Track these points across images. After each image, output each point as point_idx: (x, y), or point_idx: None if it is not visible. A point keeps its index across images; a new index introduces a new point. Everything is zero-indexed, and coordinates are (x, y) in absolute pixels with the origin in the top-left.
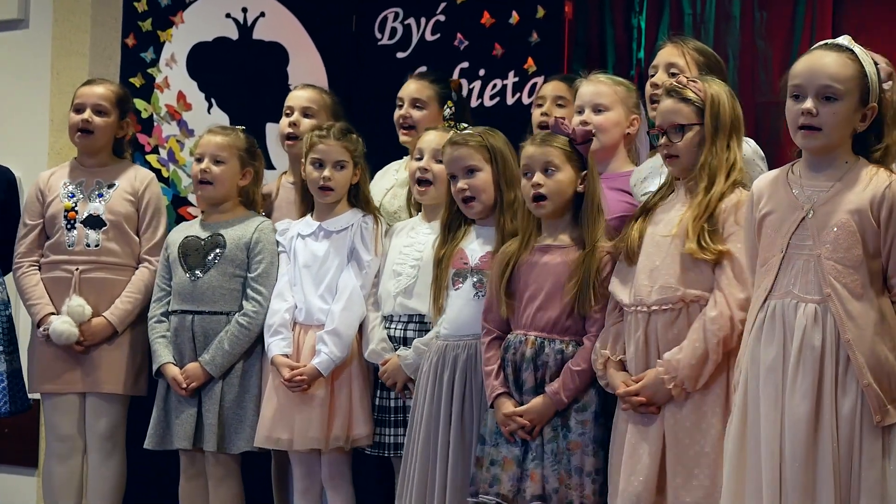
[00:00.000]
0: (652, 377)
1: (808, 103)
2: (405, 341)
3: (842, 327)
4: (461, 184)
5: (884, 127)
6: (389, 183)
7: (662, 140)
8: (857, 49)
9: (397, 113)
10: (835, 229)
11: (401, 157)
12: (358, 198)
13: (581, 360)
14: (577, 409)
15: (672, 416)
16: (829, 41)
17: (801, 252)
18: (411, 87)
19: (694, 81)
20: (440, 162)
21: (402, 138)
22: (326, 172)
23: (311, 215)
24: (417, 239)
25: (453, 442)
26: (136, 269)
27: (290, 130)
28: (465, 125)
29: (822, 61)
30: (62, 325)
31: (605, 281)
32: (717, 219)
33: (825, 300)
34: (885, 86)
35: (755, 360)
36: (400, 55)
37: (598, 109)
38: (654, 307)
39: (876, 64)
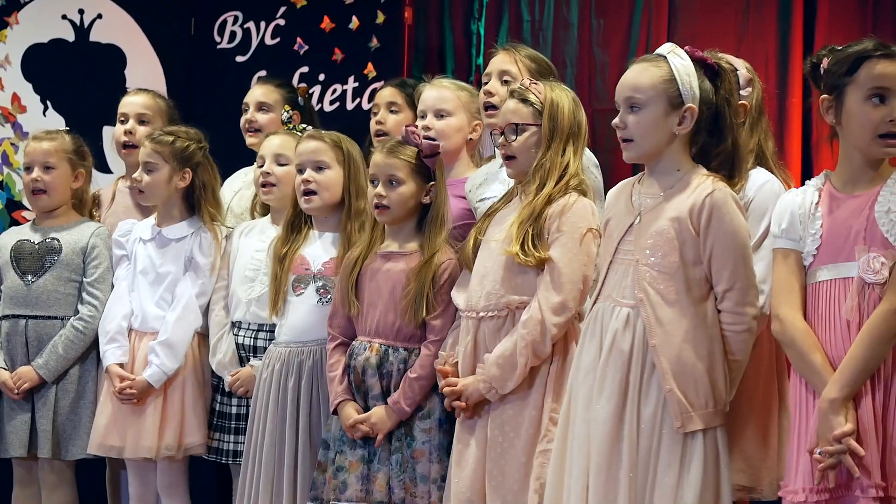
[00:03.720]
0: (471, 378)
1: (617, 117)
2: (255, 349)
3: (650, 332)
4: (307, 175)
5: (724, 131)
6: (238, 185)
7: (500, 140)
8: (672, 55)
9: (243, 117)
10: (654, 236)
11: (244, 160)
12: (196, 202)
13: (420, 369)
14: (421, 417)
15: (494, 419)
16: (651, 53)
17: (625, 257)
18: (257, 92)
19: (537, 84)
20: (282, 165)
21: (249, 141)
22: (136, 175)
23: (154, 219)
24: (269, 244)
25: (301, 448)
26: None
27: (126, 139)
28: (305, 126)
29: (628, 74)
30: None
31: (443, 289)
32: (542, 223)
33: (637, 305)
34: (744, 92)
35: (577, 363)
36: (239, 59)
37: (440, 115)
38: (482, 313)
39: (735, 70)
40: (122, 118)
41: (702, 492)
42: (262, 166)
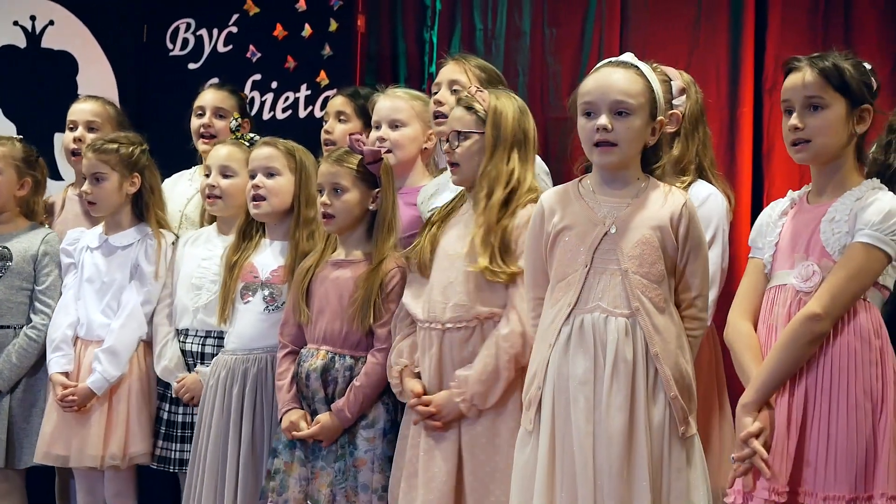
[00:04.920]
0: (445, 394)
1: (603, 119)
2: (202, 356)
3: (650, 341)
4: (257, 180)
5: (662, 145)
6: (190, 192)
7: (446, 147)
8: (642, 66)
9: (198, 121)
10: (640, 245)
11: (193, 167)
12: (144, 206)
13: (365, 377)
14: (365, 426)
15: (468, 433)
16: (615, 59)
17: (606, 267)
18: (214, 97)
19: (482, 92)
20: (228, 177)
21: (202, 147)
22: (86, 187)
23: (102, 227)
24: (216, 252)
25: (243, 456)
26: None
27: (75, 146)
28: (252, 135)
29: (612, 77)
30: None
31: (390, 297)
32: (508, 237)
33: (634, 314)
34: (677, 101)
35: (562, 375)
36: (192, 66)
37: (395, 125)
38: (448, 324)
39: (670, 80)
40: (72, 125)
41: (705, 491)
42: (209, 175)
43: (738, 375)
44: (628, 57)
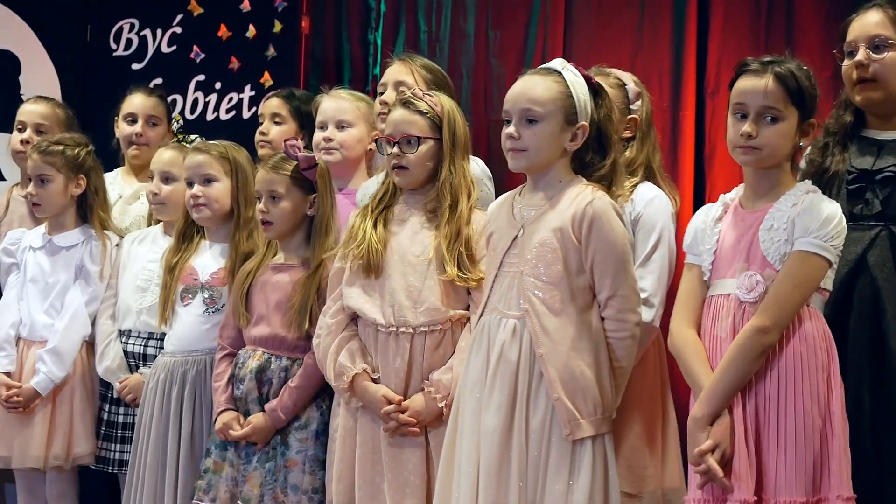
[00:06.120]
0: (421, 399)
1: (511, 127)
2: (144, 357)
3: (536, 342)
4: (196, 189)
5: (608, 149)
6: (114, 197)
7: (393, 150)
8: (567, 71)
9: (129, 129)
10: (538, 246)
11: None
12: (88, 208)
13: (300, 378)
14: (298, 427)
15: (436, 436)
16: (542, 66)
17: (510, 270)
18: (146, 104)
19: (429, 94)
20: (169, 182)
21: (132, 153)
22: (31, 188)
23: (45, 227)
24: (161, 254)
25: (183, 457)
26: None
27: (22, 148)
28: (194, 137)
29: (525, 86)
30: None
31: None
32: (471, 242)
33: (523, 315)
34: (634, 106)
35: (465, 376)
36: (135, 66)
37: (341, 126)
38: (422, 328)
39: (625, 84)
40: (20, 126)
41: (591, 497)
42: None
43: (689, 384)
44: (557, 63)
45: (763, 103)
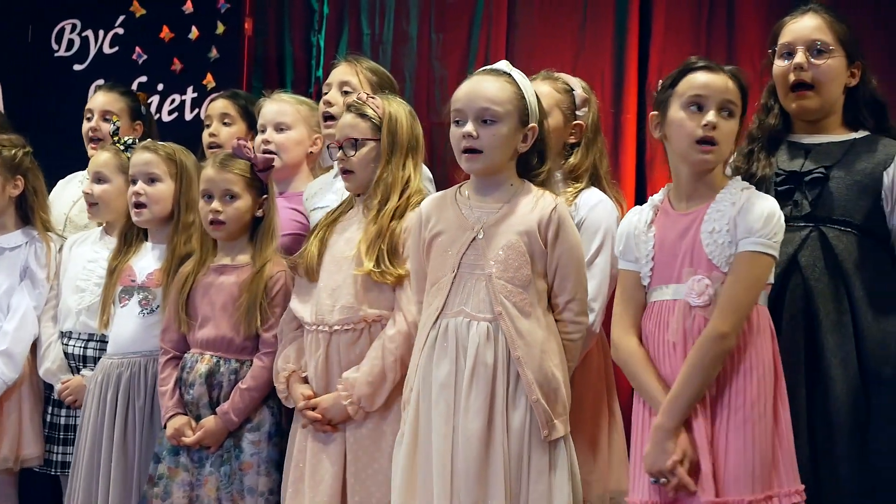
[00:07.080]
0: (332, 396)
1: (469, 126)
2: (84, 359)
3: (512, 345)
4: (138, 187)
5: (546, 151)
6: (78, 194)
7: (339, 154)
8: (515, 73)
9: (87, 125)
10: (505, 250)
11: (84, 168)
12: (29, 209)
13: (251, 380)
14: (251, 429)
15: (352, 435)
16: (489, 67)
17: (472, 272)
18: (101, 100)
19: (374, 98)
20: (102, 183)
21: (91, 151)
22: None
23: None
24: (101, 255)
25: (115, 460)
26: None
27: None
28: (130, 140)
29: (480, 86)
30: None
31: (275, 301)
32: (396, 240)
33: (497, 318)
34: (580, 112)
35: (427, 378)
36: (77, 67)
37: (280, 128)
38: (335, 326)
39: (572, 90)
40: None
41: (572, 495)
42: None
43: (639, 391)
44: (503, 65)
45: (724, 97)
